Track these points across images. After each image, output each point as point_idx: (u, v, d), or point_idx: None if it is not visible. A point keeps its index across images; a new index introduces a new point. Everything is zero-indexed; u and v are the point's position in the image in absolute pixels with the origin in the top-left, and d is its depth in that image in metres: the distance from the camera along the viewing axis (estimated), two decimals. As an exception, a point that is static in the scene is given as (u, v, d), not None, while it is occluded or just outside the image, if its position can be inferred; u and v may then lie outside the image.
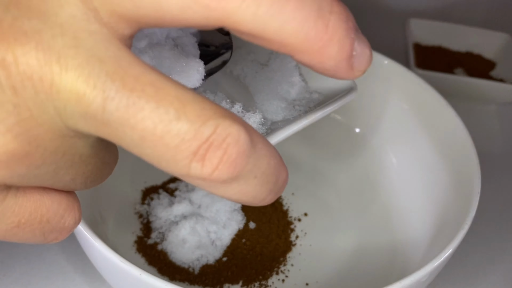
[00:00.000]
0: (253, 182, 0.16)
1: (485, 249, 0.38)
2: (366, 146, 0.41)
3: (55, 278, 0.33)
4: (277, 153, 0.17)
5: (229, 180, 0.15)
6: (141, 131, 0.14)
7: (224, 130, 0.15)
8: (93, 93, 0.14)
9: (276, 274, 0.33)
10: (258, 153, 0.16)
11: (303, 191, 0.39)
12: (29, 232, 0.17)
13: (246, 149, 0.15)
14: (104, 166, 0.18)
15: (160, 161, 0.15)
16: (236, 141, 0.15)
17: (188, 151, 0.14)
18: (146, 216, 0.35)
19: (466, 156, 0.33)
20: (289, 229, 0.36)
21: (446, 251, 0.27)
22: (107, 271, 0.27)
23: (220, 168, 0.15)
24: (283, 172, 0.17)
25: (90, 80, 0.14)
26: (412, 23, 0.57)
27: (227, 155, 0.15)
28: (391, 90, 0.40)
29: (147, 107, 0.14)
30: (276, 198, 0.18)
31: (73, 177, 0.17)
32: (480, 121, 0.50)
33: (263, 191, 0.17)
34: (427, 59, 0.54)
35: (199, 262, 0.32)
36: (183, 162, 0.15)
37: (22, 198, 0.17)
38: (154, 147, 0.14)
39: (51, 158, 0.15)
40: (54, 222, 0.18)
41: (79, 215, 0.19)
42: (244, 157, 0.15)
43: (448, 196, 0.33)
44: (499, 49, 0.56)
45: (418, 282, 0.26)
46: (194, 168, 0.15)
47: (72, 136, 0.16)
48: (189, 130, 0.14)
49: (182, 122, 0.14)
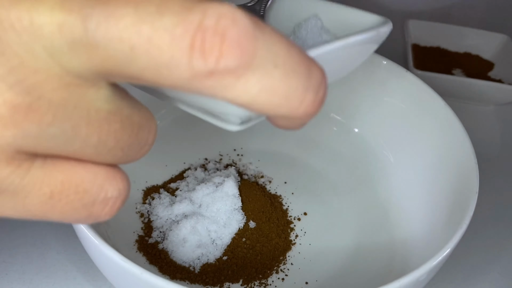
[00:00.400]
0: (276, 72, 0.14)
1: (483, 248, 0.38)
2: (364, 146, 0.41)
3: (56, 277, 0.33)
4: (300, 46, 0.15)
5: (243, 68, 0.14)
6: (128, 40, 0.13)
7: (215, 11, 0.13)
8: (72, 17, 0.13)
9: (276, 273, 0.33)
10: (268, 37, 0.14)
11: (303, 191, 0.39)
12: (67, 205, 0.16)
13: (248, 29, 0.13)
14: (137, 128, 0.16)
15: (161, 72, 0.14)
16: (232, 20, 0.13)
17: (183, 47, 0.13)
18: (147, 216, 0.35)
19: (464, 156, 0.33)
20: (289, 228, 0.36)
21: (444, 250, 0.27)
22: (108, 270, 0.28)
23: (225, 54, 0.13)
24: (314, 66, 0.15)
25: (65, 5, 0.13)
26: (411, 24, 0.57)
27: (227, 37, 0.13)
28: (390, 91, 0.40)
29: (126, 13, 0.13)
30: (319, 102, 0.15)
31: (102, 138, 0.15)
32: (478, 122, 0.50)
33: (295, 87, 0.14)
34: (425, 60, 0.54)
35: (199, 261, 0.33)
36: (183, 61, 0.13)
37: (51, 167, 0.16)
38: (147, 54, 0.13)
39: (61, 111, 0.14)
40: (93, 192, 0.16)
41: (124, 186, 0.17)
42: (249, 38, 0.13)
43: (446, 195, 0.33)
44: (497, 50, 0.56)
45: (417, 280, 0.26)
46: (197, 64, 0.13)
47: (77, 85, 0.14)
48: (176, 22, 0.13)
49: (166, 16, 0.13)
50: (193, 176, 0.38)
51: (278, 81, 0.14)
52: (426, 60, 0.54)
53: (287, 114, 0.15)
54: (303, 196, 0.38)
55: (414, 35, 0.57)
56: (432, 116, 0.37)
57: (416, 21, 0.57)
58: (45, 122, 0.14)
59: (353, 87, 0.41)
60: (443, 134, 0.36)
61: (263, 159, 0.41)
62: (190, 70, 0.13)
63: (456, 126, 0.35)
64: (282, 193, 0.38)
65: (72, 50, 0.14)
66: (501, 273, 0.37)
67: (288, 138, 0.42)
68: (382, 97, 0.40)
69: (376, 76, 0.40)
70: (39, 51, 0.14)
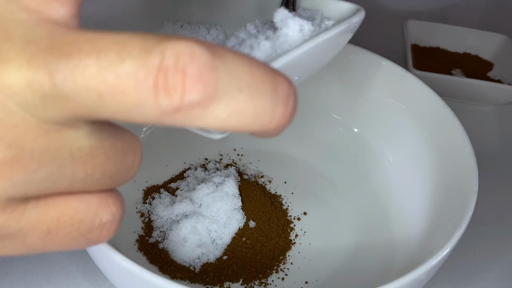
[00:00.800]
0: (242, 96, 0.15)
1: (482, 247, 0.38)
2: (364, 146, 0.41)
3: (57, 277, 0.33)
4: (263, 63, 0.15)
5: (208, 100, 0.14)
6: (95, 89, 0.14)
7: (173, 50, 0.14)
8: (39, 74, 0.14)
9: (276, 272, 0.33)
10: (229, 63, 0.14)
11: (303, 191, 0.39)
12: (65, 236, 0.17)
13: (207, 61, 0.14)
14: (122, 155, 0.17)
15: (131, 113, 0.14)
16: (191, 56, 0.14)
17: (147, 89, 0.14)
18: (148, 215, 0.35)
19: (463, 156, 0.33)
20: (289, 228, 0.36)
21: (444, 250, 0.27)
22: (108, 269, 0.28)
23: (189, 90, 0.14)
24: (281, 80, 0.15)
25: (32, 64, 0.14)
26: (410, 24, 0.57)
27: (188, 74, 0.14)
28: (389, 91, 0.40)
29: (89, 63, 0.14)
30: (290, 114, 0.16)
31: (88, 173, 0.16)
32: (478, 122, 0.50)
33: (262, 106, 0.15)
34: (425, 60, 0.55)
35: (199, 261, 0.33)
36: (150, 102, 0.14)
37: (44, 205, 0.17)
38: (115, 100, 0.14)
39: (45, 157, 0.15)
40: (88, 221, 0.17)
41: (117, 209, 0.18)
42: (209, 70, 0.14)
43: (446, 195, 0.33)
44: (496, 50, 0.56)
45: (416, 280, 0.26)
46: (164, 102, 0.14)
47: (56, 130, 0.15)
48: (137, 66, 0.14)
49: (127, 62, 0.14)
50: (193, 176, 0.38)
51: (245, 103, 0.15)
52: (426, 61, 0.54)
53: (260, 130, 0.16)
54: (303, 195, 0.38)
55: (414, 36, 0.57)
56: (431, 116, 0.37)
57: (415, 22, 0.57)
58: (31, 170, 0.15)
59: (353, 88, 0.42)
60: (443, 134, 0.36)
61: (263, 159, 0.41)
62: (157, 109, 0.14)
63: (455, 126, 0.35)
64: (282, 193, 0.38)
65: (44, 103, 0.14)
66: (501, 273, 0.37)
67: (288, 138, 0.42)
68: (382, 97, 0.40)
69: (376, 77, 0.40)
70: (13, 108, 0.14)
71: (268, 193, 0.38)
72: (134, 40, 0.14)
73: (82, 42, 0.14)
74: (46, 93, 0.14)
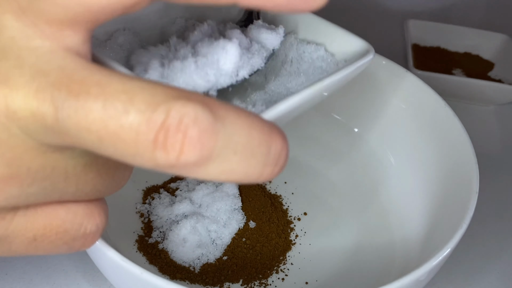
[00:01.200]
0: (235, 158, 0.15)
1: (483, 248, 0.38)
2: (364, 146, 0.41)
3: (56, 277, 0.33)
4: (263, 122, 0.16)
5: (202, 161, 0.15)
6: (96, 132, 0.14)
7: (178, 111, 0.14)
8: (44, 106, 0.14)
9: (276, 273, 0.33)
10: (230, 127, 0.15)
11: (303, 191, 0.39)
12: (49, 244, 0.18)
13: (208, 126, 0.14)
14: (114, 170, 0.18)
15: (127, 158, 0.15)
16: (194, 120, 0.14)
17: (147, 142, 0.14)
18: (147, 215, 0.35)
19: (464, 156, 0.33)
20: (289, 228, 0.36)
21: (444, 250, 0.27)
22: (108, 270, 0.28)
23: (186, 151, 0.14)
24: (276, 141, 0.16)
25: (39, 95, 0.14)
26: (411, 24, 0.57)
27: (188, 136, 0.14)
28: (390, 91, 0.40)
29: (95, 107, 0.14)
30: (278, 171, 0.16)
31: (79, 187, 0.17)
32: (479, 122, 0.50)
33: (253, 166, 0.15)
34: (425, 59, 0.54)
35: (199, 261, 0.33)
36: (147, 154, 0.14)
37: (33, 214, 0.17)
38: (114, 146, 0.14)
39: (40, 175, 0.16)
40: (73, 231, 0.18)
41: (101, 220, 0.19)
42: (209, 134, 0.14)
43: (446, 195, 0.33)
44: (497, 50, 0.56)
45: (417, 280, 0.26)
46: (160, 157, 0.14)
47: (54, 151, 0.16)
48: (141, 120, 0.14)
49: (131, 114, 0.14)
50: (193, 176, 0.38)
51: (237, 164, 0.15)
52: (426, 60, 0.54)
53: (247, 182, 0.16)
54: (303, 196, 0.38)
55: (414, 35, 0.56)
56: (432, 116, 0.37)
57: (416, 21, 0.57)
58: (25, 185, 0.16)
59: (354, 87, 0.41)
60: (443, 134, 0.36)
61: (263, 159, 0.41)
62: (153, 162, 0.14)
63: (456, 126, 0.35)
64: (282, 193, 0.38)
65: (45, 132, 0.15)
66: (501, 273, 0.37)
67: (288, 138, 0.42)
68: (382, 97, 0.40)
69: (376, 76, 0.40)
70: (15, 130, 0.15)
71: (268, 193, 0.38)
72: (142, 92, 0.14)
73: (91, 84, 0.14)
74: (48, 125, 0.14)
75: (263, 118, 0.16)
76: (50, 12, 0.15)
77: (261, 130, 0.15)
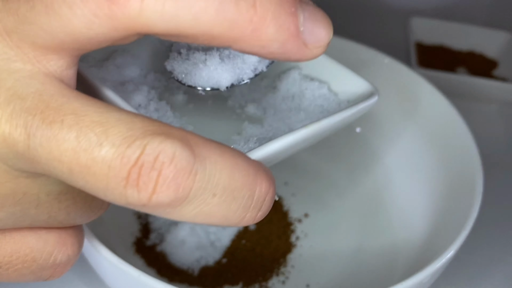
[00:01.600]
0: (214, 201, 0.14)
1: (487, 250, 0.38)
2: (366, 146, 0.41)
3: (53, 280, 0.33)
4: (249, 162, 0.15)
5: (177, 202, 0.14)
6: (67, 164, 0.14)
7: (154, 148, 0.13)
8: (16, 132, 0.14)
9: (277, 275, 0.33)
10: (210, 167, 0.14)
11: (304, 192, 0.38)
12: (14, 272, 0.17)
13: (186, 165, 0.13)
14: (91, 199, 0.17)
15: (97, 192, 0.14)
16: (171, 158, 0.13)
17: (118, 178, 0.13)
18: (145, 217, 0.35)
19: (468, 156, 0.33)
20: (290, 230, 0.35)
21: (448, 252, 0.27)
22: (105, 272, 0.27)
23: (159, 191, 0.13)
24: (261, 184, 0.15)
25: (12, 120, 0.14)
26: (414, 22, 0.57)
27: (162, 175, 0.13)
28: (393, 89, 0.39)
29: (67, 138, 0.13)
30: (261, 216, 0.15)
31: (52, 215, 0.16)
32: (482, 121, 0.50)
33: (234, 210, 0.15)
34: (429, 58, 0.54)
35: (198, 264, 0.32)
36: (118, 190, 0.13)
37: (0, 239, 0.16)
38: (85, 179, 0.14)
39: (10, 200, 0.15)
40: (41, 260, 0.17)
41: (73, 251, 0.18)
42: (186, 174, 0.13)
43: (450, 196, 0.33)
44: (501, 48, 0.55)
45: (420, 283, 0.26)
46: (131, 195, 0.13)
47: (26, 177, 0.15)
48: (114, 155, 0.13)
49: (105, 147, 0.13)
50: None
51: (216, 207, 0.14)
52: (430, 58, 0.54)
53: (227, 226, 0.15)
54: (304, 197, 0.38)
55: (418, 33, 0.56)
56: (435, 115, 0.37)
57: (419, 19, 0.57)
58: None
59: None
60: (447, 134, 0.35)
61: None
62: (124, 199, 0.14)
63: (459, 125, 0.34)
64: (282, 194, 0.38)
65: (16, 158, 0.14)
66: (506, 275, 0.37)
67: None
68: (384, 96, 0.40)
69: (379, 75, 0.39)
70: None
71: (269, 194, 0.37)
72: (119, 124, 0.13)
73: (67, 113, 0.14)
74: (19, 152, 0.14)
75: (249, 158, 0.15)
76: (36, 37, 0.14)
77: (245, 171, 0.15)
